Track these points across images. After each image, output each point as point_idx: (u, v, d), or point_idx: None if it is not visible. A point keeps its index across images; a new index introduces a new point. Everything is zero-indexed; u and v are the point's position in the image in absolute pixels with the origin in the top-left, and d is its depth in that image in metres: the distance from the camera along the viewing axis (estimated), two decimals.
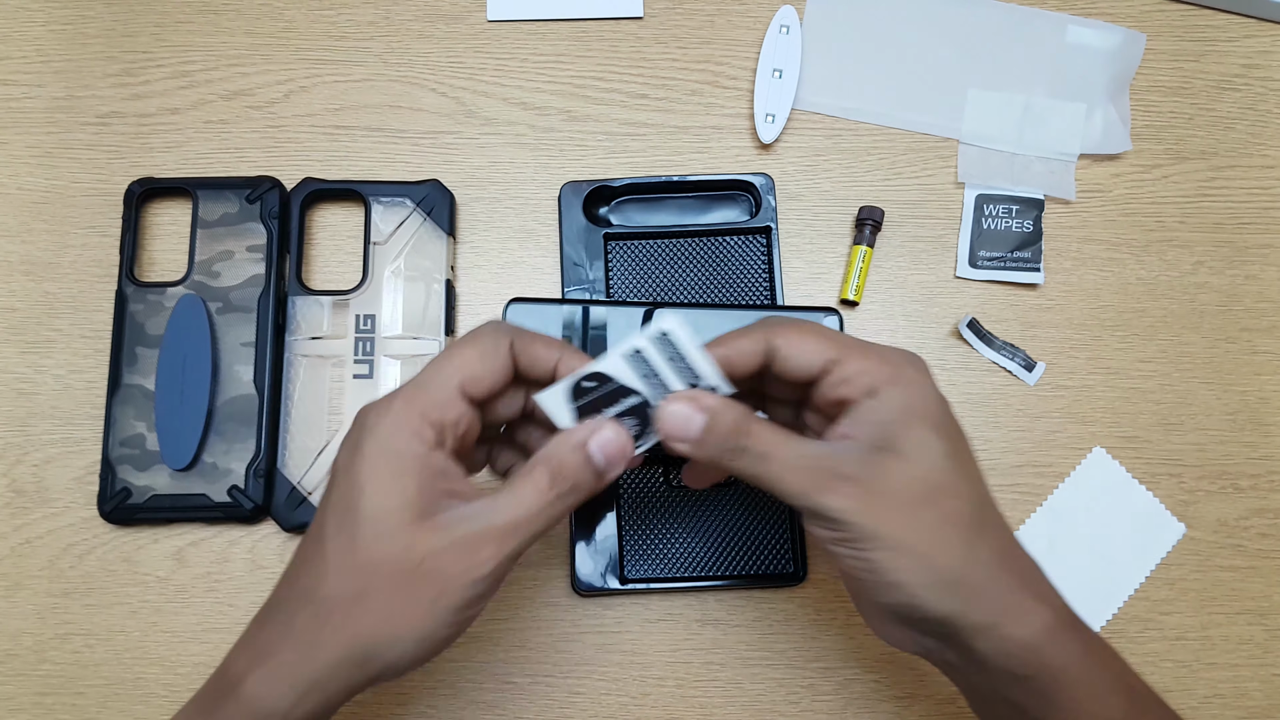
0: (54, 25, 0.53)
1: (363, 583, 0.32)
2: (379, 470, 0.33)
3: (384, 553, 0.32)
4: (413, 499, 0.33)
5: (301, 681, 0.32)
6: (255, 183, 0.50)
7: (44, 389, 0.49)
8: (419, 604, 0.32)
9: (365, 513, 0.32)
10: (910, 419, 0.35)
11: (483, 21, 0.54)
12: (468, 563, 0.32)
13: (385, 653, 0.32)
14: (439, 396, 0.34)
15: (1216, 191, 0.53)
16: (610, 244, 0.51)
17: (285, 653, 0.32)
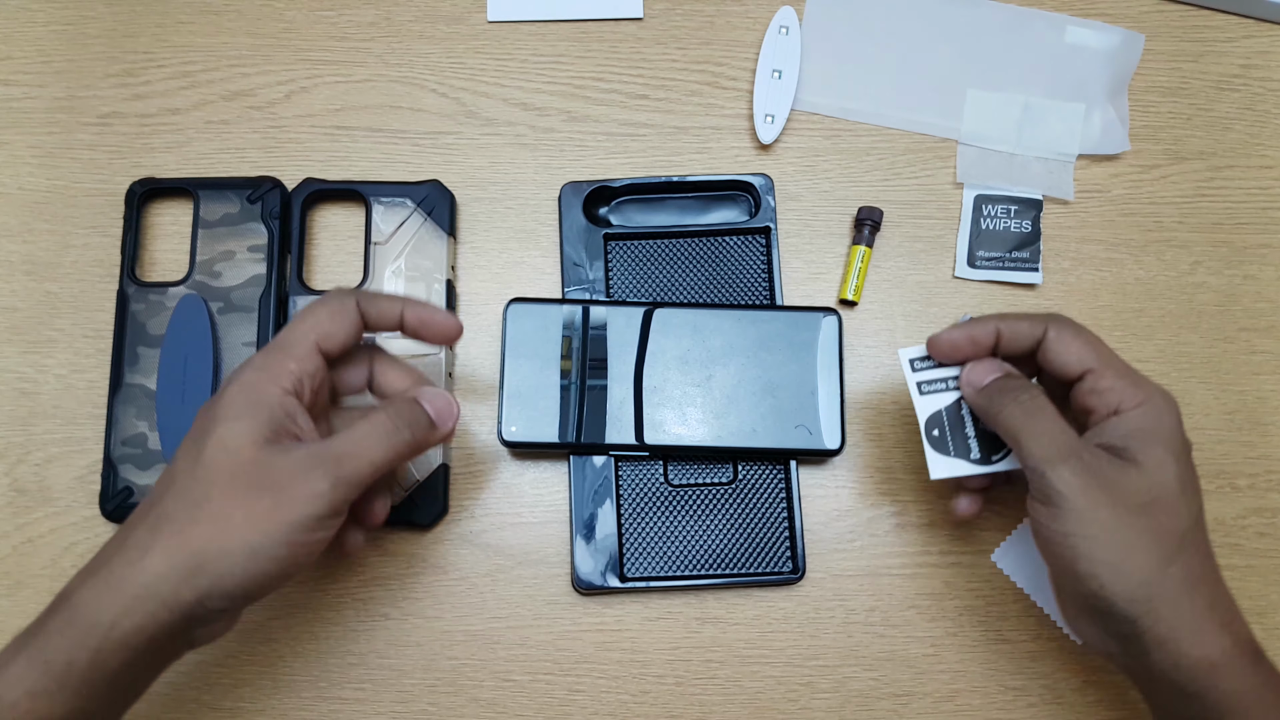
0: (55, 25, 0.53)
1: (200, 492, 0.34)
2: (235, 403, 0.36)
3: (225, 463, 0.35)
4: (261, 427, 0.35)
5: (128, 591, 0.33)
6: (256, 183, 0.50)
7: (46, 388, 0.49)
8: (253, 515, 0.34)
9: (215, 435, 0.35)
10: (1152, 440, 0.38)
11: (483, 22, 0.54)
12: (305, 479, 0.35)
13: (214, 564, 0.34)
14: (296, 350, 0.38)
15: (1215, 192, 0.53)
16: (610, 244, 0.51)
17: (116, 564, 0.34)
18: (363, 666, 0.46)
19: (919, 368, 0.43)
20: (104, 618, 0.33)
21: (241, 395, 0.36)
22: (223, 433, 0.35)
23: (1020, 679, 0.47)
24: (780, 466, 0.48)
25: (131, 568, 0.33)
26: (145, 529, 0.34)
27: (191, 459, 0.35)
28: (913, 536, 0.48)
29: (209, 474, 0.35)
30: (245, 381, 0.37)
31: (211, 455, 0.35)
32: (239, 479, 0.34)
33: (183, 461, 0.36)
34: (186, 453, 0.36)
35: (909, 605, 0.48)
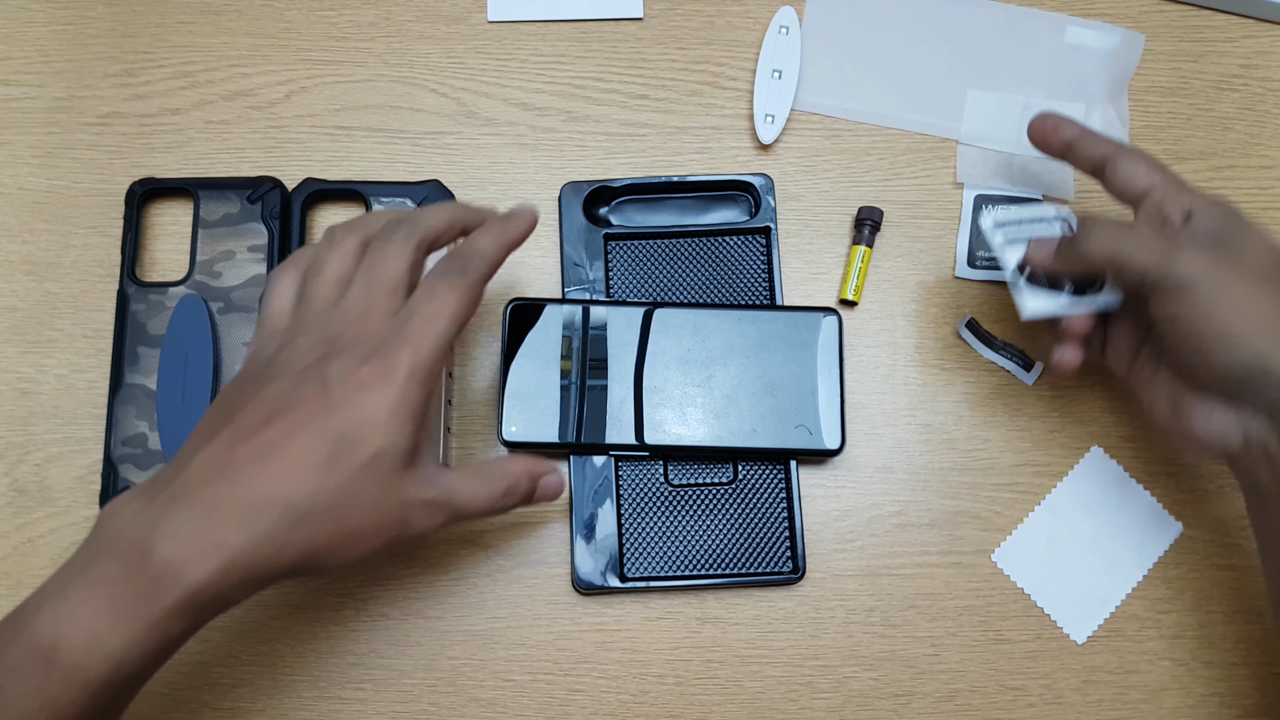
0: (55, 25, 0.53)
1: (345, 505, 0.35)
2: (397, 415, 0.36)
3: (373, 488, 0.35)
4: (411, 448, 0.36)
5: (251, 578, 0.34)
6: (256, 183, 0.50)
7: (46, 389, 0.49)
8: (380, 535, 0.36)
9: (374, 449, 0.35)
10: (1237, 227, 0.40)
11: (483, 22, 0.54)
12: (427, 520, 0.38)
13: (326, 564, 0.36)
14: (444, 349, 0.37)
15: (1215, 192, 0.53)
16: (610, 244, 0.51)
17: (240, 550, 0.33)
18: (363, 666, 0.46)
19: (1002, 221, 0.45)
20: (220, 597, 0.34)
21: (400, 411, 0.36)
22: (381, 449, 0.35)
23: (1020, 679, 0.47)
24: (780, 466, 0.48)
25: (259, 563, 0.34)
26: (278, 520, 0.34)
27: (346, 459, 0.35)
28: (913, 536, 0.48)
29: (357, 489, 0.35)
30: (402, 390, 0.36)
31: (365, 472, 0.35)
32: (380, 507, 0.36)
33: (332, 456, 0.34)
34: (340, 444, 0.35)
35: (909, 605, 0.48)
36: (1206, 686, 0.47)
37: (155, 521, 0.33)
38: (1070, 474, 0.49)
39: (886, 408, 0.50)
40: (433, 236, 0.40)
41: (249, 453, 0.34)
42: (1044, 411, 0.50)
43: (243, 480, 0.34)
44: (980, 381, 0.50)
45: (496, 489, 0.40)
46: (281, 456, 0.34)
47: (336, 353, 0.36)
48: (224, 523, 0.34)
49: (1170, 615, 0.48)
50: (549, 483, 0.42)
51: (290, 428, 0.35)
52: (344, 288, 0.39)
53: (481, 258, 0.39)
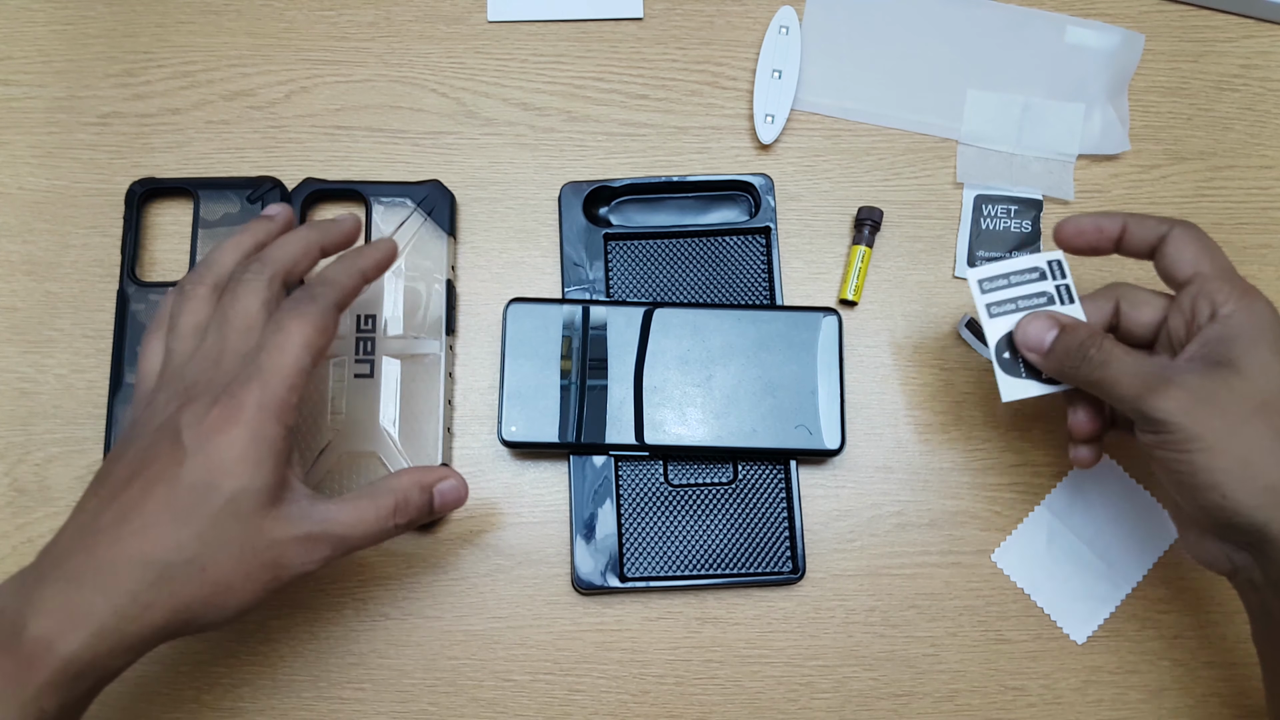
0: (55, 25, 0.53)
1: (207, 556, 0.34)
2: (247, 455, 0.34)
3: (235, 533, 0.34)
4: (269, 485, 0.35)
5: (122, 644, 0.33)
6: (256, 183, 0.50)
7: (46, 388, 0.49)
8: (252, 582, 0.35)
9: (228, 494, 0.34)
10: (1254, 340, 0.37)
11: (483, 22, 0.54)
12: (305, 557, 0.36)
13: (205, 618, 0.35)
14: (296, 381, 0.36)
15: (1215, 192, 0.53)
16: (610, 244, 0.51)
17: (105, 619, 0.33)
18: (363, 666, 0.46)
19: (988, 289, 0.43)
20: (95, 670, 0.33)
21: (253, 445, 0.34)
22: (234, 493, 0.34)
23: (1020, 679, 0.47)
24: (780, 466, 0.48)
25: (125, 622, 0.33)
26: (140, 580, 0.33)
27: (201, 510, 0.34)
28: (913, 536, 0.48)
29: (217, 539, 0.34)
30: (255, 423, 0.35)
31: (221, 520, 0.34)
32: (246, 552, 0.35)
33: (186, 508, 0.34)
34: (194, 496, 0.34)
35: (909, 605, 0.48)
36: (1206, 686, 0.47)
37: (27, 597, 0.33)
38: (1070, 474, 0.49)
39: (886, 407, 0.50)
40: (286, 267, 0.39)
41: (110, 517, 0.34)
42: (1044, 411, 0.50)
43: (102, 545, 0.34)
44: (980, 381, 0.50)
45: (383, 508, 0.38)
46: (138, 515, 0.34)
47: (190, 400, 0.36)
48: (88, 590, 0.33)
49: (1170, 615, 0.48)
50: (445, 489, 0.41)
51: (146, 485, 0.34)
52: (201, 336, 0.38)
53: (331, 284, 0.38)
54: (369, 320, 0.49)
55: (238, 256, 0.40)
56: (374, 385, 0.48)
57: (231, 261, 0.40)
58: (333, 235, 0.42)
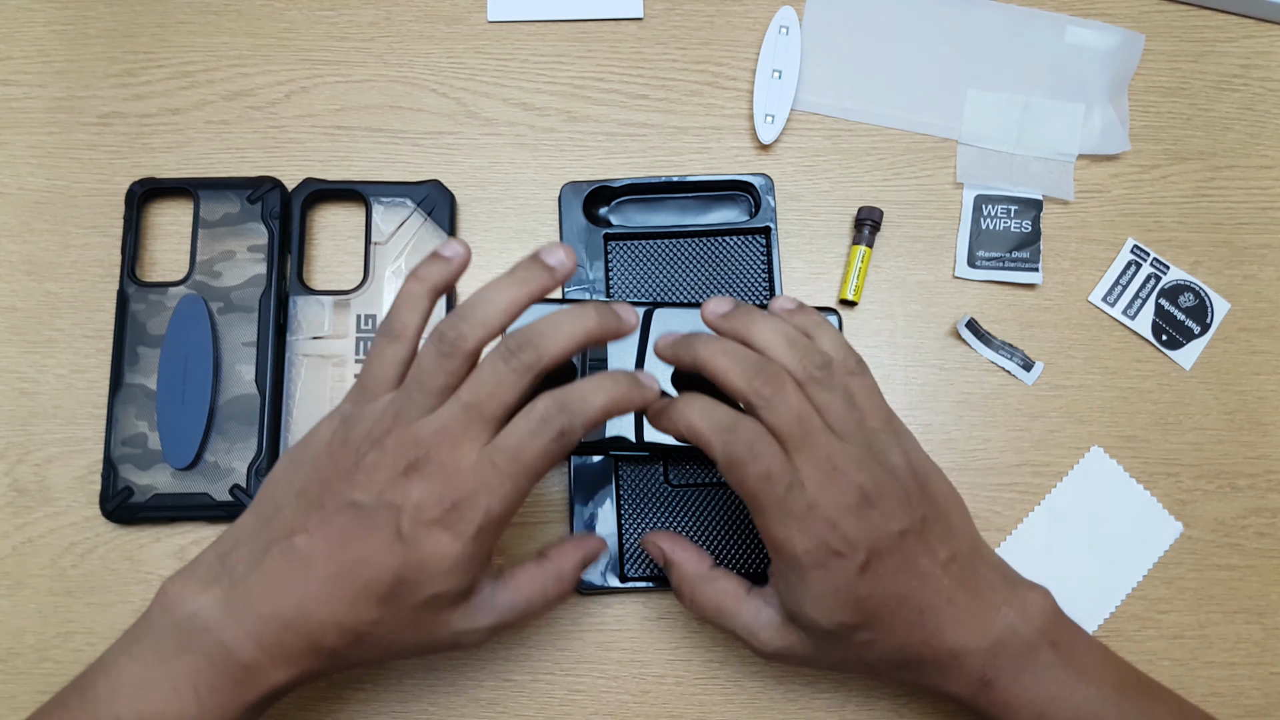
0: (55, 25, 0.53)
1: (396, 635, 0.37)
2: (459, 564, 0.36)
3: (425, 622, 0.37)
4: (464, 589, 0.37)
5: (312, 678, 0.38)
6: (256, 183, 0.50)
7: (46, 388, 0.49)
8: (422, 649, 0.38)
9: (427, 594, 0.36)
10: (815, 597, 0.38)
11: (483, 22, 0.54)
12: (474, 639, 0.39)
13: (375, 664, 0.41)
14: (516, 505, 0.37)
15: (1215, 192, 0.53)
16: (610, 244, 0.51)
17: (311, 664, 0.37)
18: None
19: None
20: (286, 693, 0.38)
21: (461, 563, 0.36)
22: (433, 602, 0.36)
23: None
24: None
25: (329, 667, 0.37)
26: (343, 644, 0.36)
27: (398, 599, 0.36)
28: None
29: (409, 625, 0.37)
30: (470, 547, 0.36)
31: (418, 616, 0.36)
32: (430, 637, 0.38)
33: (384, 596, 0.36)
34: (394, 587, 0.36)
35: None
36: (1206, 686, 0.47)
37: (240, 624, 0.36)
38: (1070, 474, 0.49)
39: None
40: (553, 361, 0.37)
41: (322, 572, 0.36)
42: (1044, 411, 0.50)
43: (313, 601, 0.36)
44: (980, 381, 0.50)
45: (549, 591, 0.40)
46: (350, 583, 0.36)
47: (418, 477, 0.35)
48: (301, 639, 0.36)
49: (1170, 615, 0.48)
50: (594, 551, 0.42)
51: (359, 560, 0.36)
52: (444, 395, 0.36)
53: (584, 417, 0.36)
54: (370, 320, 0.49)
55: (510, 318, 0.37)
56: None
57: (500, 325, 0.37)
58: (610, 327, 0.38)
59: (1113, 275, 0.52)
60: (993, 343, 0.50)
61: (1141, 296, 0.51)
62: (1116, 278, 0.51)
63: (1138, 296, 0.51)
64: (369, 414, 0.37)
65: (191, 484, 0.47)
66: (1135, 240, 0.52)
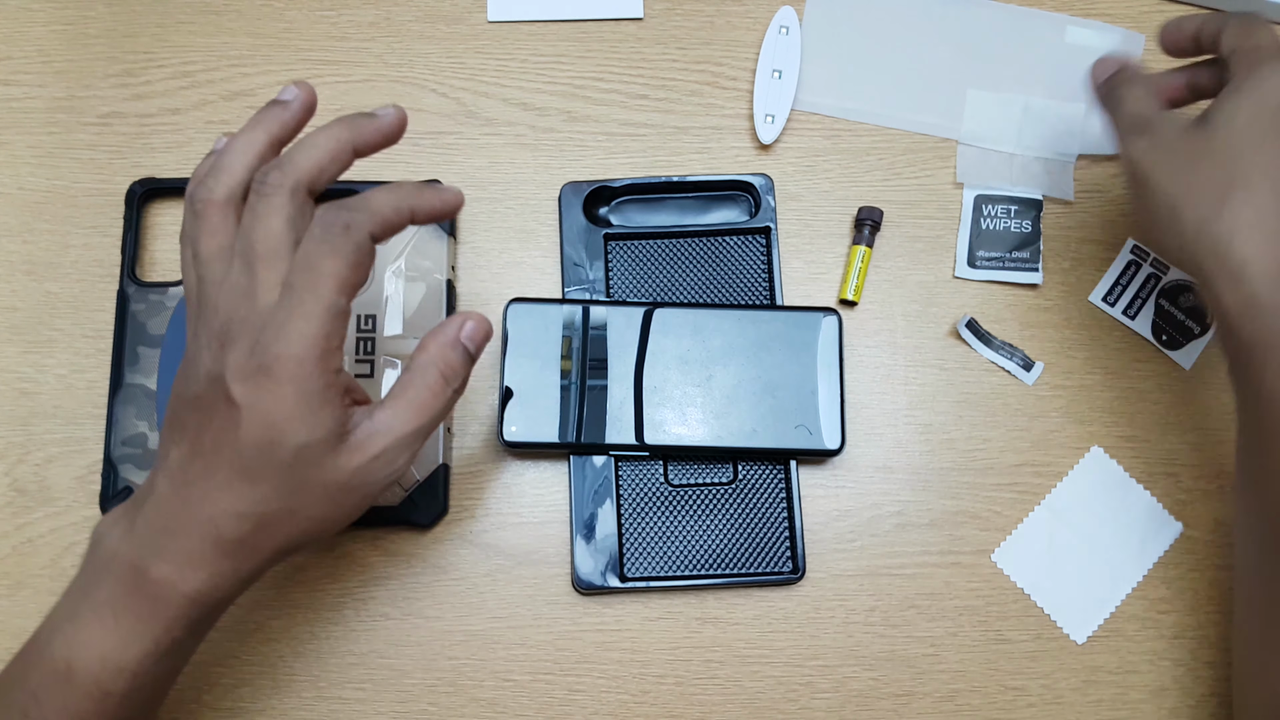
0: (55, 25, 0.53)
1: (295, 501, 0.36)
2: (298, 410, 0.34)
3: (312, 477, 0.35)
4: (331, 431, 0.35)
5: (238, 579, 0.37)
6: None
7: (46, 388, 0.49)
8: (344, 508, 0.37)
9: (292, 448, 0.35)
10: (1234, 98, 0.40)
11: (483, 22, 0.54)
12: (388, 469, 0.37)
13: (308, 543, 0.38)
14: (335, 321, 0.35)
15: None
16: (610, 244, 0.51)
17: (219, 562, 0.36)
18: (363, 666, 0.46)
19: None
20: (219, 600, 0.37)
21: (301, 404, 0.34)
22: (300, 446, 0.35)
23: (1020, 679, 0.47)
24: (780, 466, 0.48)
25: (239, 564, 0.36)
26: (243, 532, 0.35)
27: (275, 468, 0.35)
28: (913, 536, 0.48)
29: (301, 486, 0.35)
30: (297, 384, 0.34)
31: (298, 471, 0.35)
32: (330, 489, 0.36)
33: (263, 469, 0.35)
34: (263, 457, 0.35)
35: (909, 605, 0.48)
36: (1207, 687, 0.47)
37: (142, 543, 0.36)
38: (1070, 474, 0.49)
39: (886, 408, 0.50)
40: (311, 175, 0.36)
41: (197, 470, 0.35)
42: (1044, 411, 0.50)
43: (196, 500, 0.35)
44: (980, 381, 0.50)
45: (433, 385, 0.37)
46: (219, 473, 0.35)
47: (229, 344, 0.35)
48: (196, 540, 0.35)
49: (1170, 615, 0.48)
50: (471, 333, 0.38)
51: (215, 444, 0.35)
52: (227, 262, 0.36)
53: (371, 214, 0.35)
54: (369, 320, 0.49)
55: (251, 160, 0.37)
56: (374, 386, 0.48)
57: (243, 166, 0.36)
58: (367, 134, 0.37)
59: (1113, 275, 0.52)
60: (993, 343, 0.50)
61: (1141, 296, 0.51)
62: (1116, 278, 0.51)
63: (1138, 296, 0.51)
64: (188, 325, 0.38)
65: None
66: (1135, 240, 0.52)
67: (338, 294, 0.34)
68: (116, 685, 0.35)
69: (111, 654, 0.35)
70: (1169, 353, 0.51)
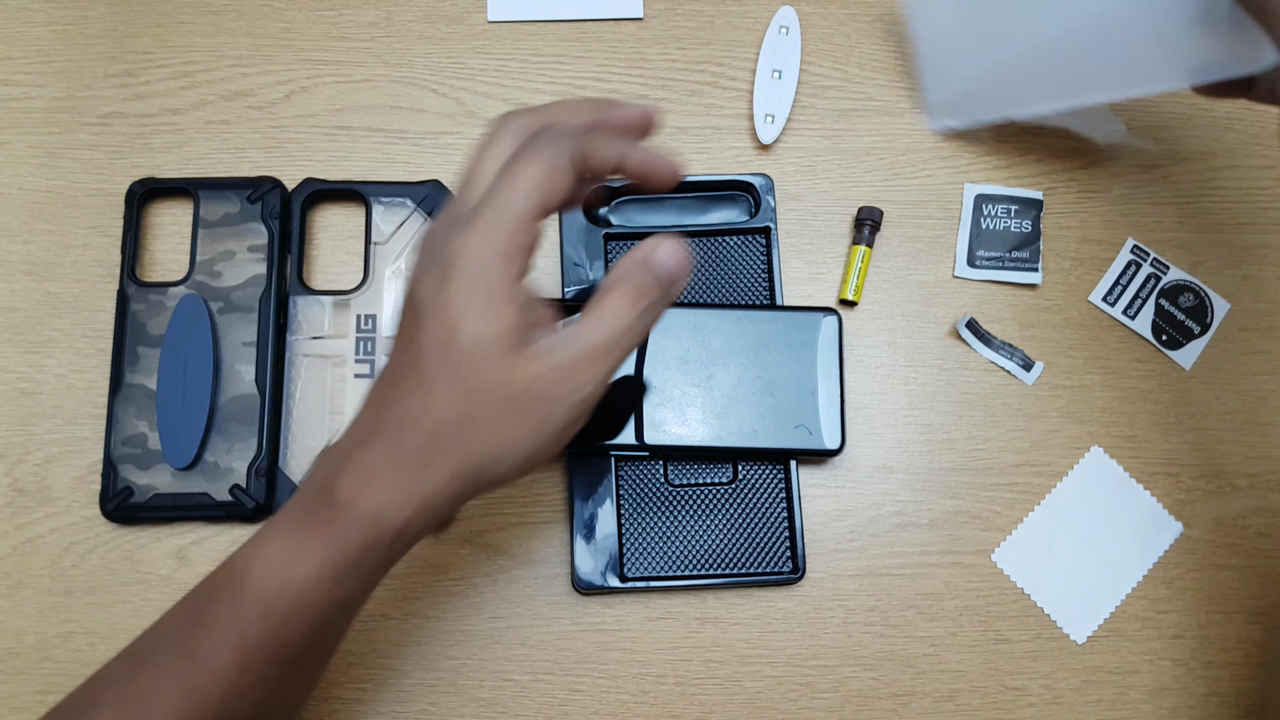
0: (55, 25, 0.53)
1: (470, 408, 0.34)
2: (473, 304, 0.33)
3: (489, 380, 0.34)
4: (508, 330, 0.34)
5: (415, 498, 0.34)
6: (256, 183, 0.50)
7: (46, 388, 0.49)
8: (526, 424, 0.34)
9: (466, 345, 0.33)
10: None
11: (483, 22, 0.54)
12: (571, 384, 0.34)
13: (494, 468, 0.35)
14: (521, 224, 0.34)
15: (1214, 192, 0.53)
16: (610, 244, 0.51)
17: (395, 474, 0.34)
18: (362, 666, 0.46)
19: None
20: (398, 519, 0.34)
21: (477, 296, 0.33)
22: (474, 343, 0.33)
23: (1020, 679, 0.47)
24: (780, 466, 0.48)
25: (415, 480, 0.34)
26: (417, 442, 0.34)
27: (449, 367, 0.34)
28: (913, 536, 0.48)
29: (475, 390, 0.34)
30: (473, 271, 0.33)
31: (472, 372, 0.34)
32: (507, 394, 0.34)
33: (437, 371, 0.34)
34: (438, 358, 0.34)
35: (909, 605, 0.48)
36: (1207, 687, 0.47)
37: (335, 459, 0.35)
38: (1070, 474, 0.49)
39: (886, 408, 0.50)
40: (584, 152, 0.35)
41: (385, 381, 0.36)
42: (1044, 411, 0.50)
43: (381, 410, 0.35)
44: (980, 381, 0.50)
45: (623, 301, 0.35)
46: (403, 378, 0.35)
47: (425, 250, 0.35)
48: (374, 450, 0.34)
49: (1170, 615, 0.48)
50: (664, 255, 0.35)
51: (401, 350, 0.35)
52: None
53: (581, 140, 0.35)
54: (369, 320, 0.49)
55: (562, 117, 0.37)
56: None
57: (549, 118, 0.37)
58: (616, 120, 0.37)
59: (1113, 275, 0.52)
60: (993, 343, 0.50)
61: (1141, 296, 0.51)
62: (1116, 278, 0.51)
63: (1138, 296, 0.51)
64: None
65: (191, 484, 0.47)
66: (1135, 240, 0.52)
67: (529, 193, 0.34)
68: (280, 604, 0.34)
69: (280, 568, 0.34)
70: (1169, 353, 0.51)
